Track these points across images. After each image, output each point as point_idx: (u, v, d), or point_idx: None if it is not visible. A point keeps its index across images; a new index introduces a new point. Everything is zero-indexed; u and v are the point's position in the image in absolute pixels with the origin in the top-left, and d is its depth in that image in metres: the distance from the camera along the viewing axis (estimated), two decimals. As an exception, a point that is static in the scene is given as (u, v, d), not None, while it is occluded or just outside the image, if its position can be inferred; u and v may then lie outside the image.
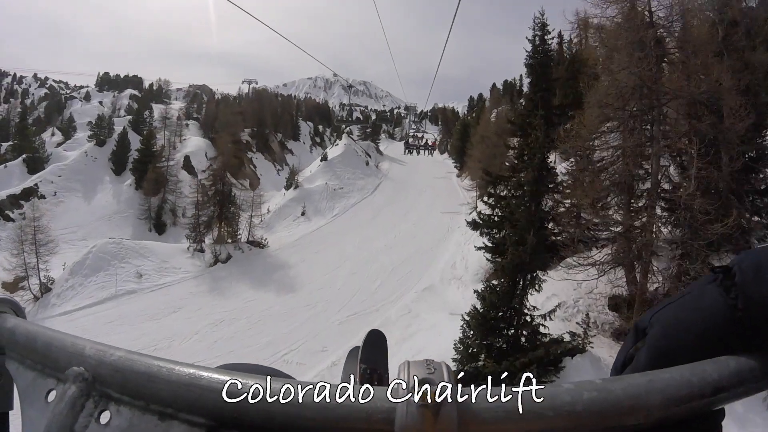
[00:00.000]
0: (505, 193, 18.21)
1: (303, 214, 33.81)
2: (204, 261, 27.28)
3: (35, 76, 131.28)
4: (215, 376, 0.35)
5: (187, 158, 49.22)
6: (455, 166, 49.79)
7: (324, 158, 41.90)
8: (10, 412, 0.48)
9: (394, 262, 23.40)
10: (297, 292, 21.56)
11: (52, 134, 68.22)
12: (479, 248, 18.56)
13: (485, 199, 19.25)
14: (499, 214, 18.59)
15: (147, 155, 44.03)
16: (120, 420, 0.34)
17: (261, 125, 64.19)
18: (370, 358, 1.20)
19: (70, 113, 76.94)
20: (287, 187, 38.58)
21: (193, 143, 55.33)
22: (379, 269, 22.52)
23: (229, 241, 29.12)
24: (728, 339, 0.35)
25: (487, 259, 18.40)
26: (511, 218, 17.55)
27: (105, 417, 0.35)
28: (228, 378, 0.34)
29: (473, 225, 18.56)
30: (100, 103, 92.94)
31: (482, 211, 18.88)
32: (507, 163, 31.76)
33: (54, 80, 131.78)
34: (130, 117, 58.02)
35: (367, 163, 44.65)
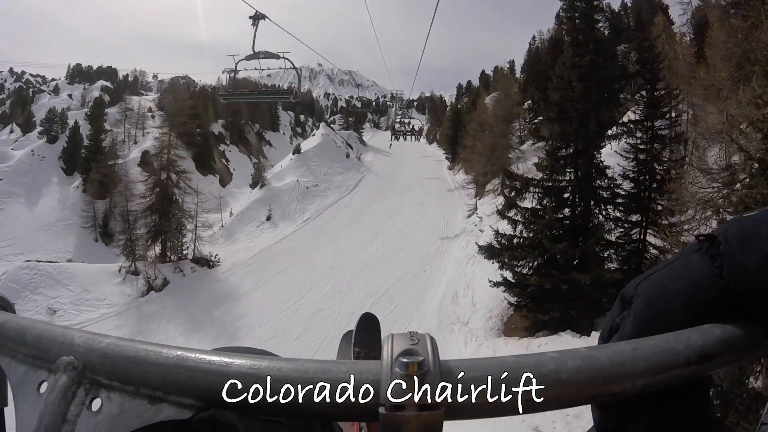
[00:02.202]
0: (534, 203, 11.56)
1: (268, 218, 26.81)
2: (136, 288, 20.41)
3: (11, 70, 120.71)
4: (202, 356, 0.33)
5: (145, 154, 41.47)
6: (446, 157, 42.95)
7: (297, 151, 34.64)
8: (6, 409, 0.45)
9: (374, 291, 16.73)
10: (240, 341, 14.86)
11: (11, 131, 59.84)
12: (496, 284, 11.96)
13: (502, 210, 12.55)
14: (524, 234, 11.98)
15: (94, 151, 36.42)
16: (111, 406, 0.34)
17: (236, 115, 56.51)
18: (364, 341, 1.18)
19: (29, 108, 68.19)
20: (253, 186, 31.47)
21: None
22: (354, 304, 15.83)
23: (172, 258, 22.24)
24: (713, 307, 0.34)
25: (509, 303, 11.84)
26: (547, 245, 10.97)
27: (96, 404, 0.34)
28: (217, 358, 0.33)
29: (488, 252, 11.88)
30: (70, 96, 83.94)
31: (499, 230, 12.22)
32: (510, 156, 24.98)
33: (31, 74, 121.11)
34: (86, 110, 49.75)
35: (348, 156, 37.49)
